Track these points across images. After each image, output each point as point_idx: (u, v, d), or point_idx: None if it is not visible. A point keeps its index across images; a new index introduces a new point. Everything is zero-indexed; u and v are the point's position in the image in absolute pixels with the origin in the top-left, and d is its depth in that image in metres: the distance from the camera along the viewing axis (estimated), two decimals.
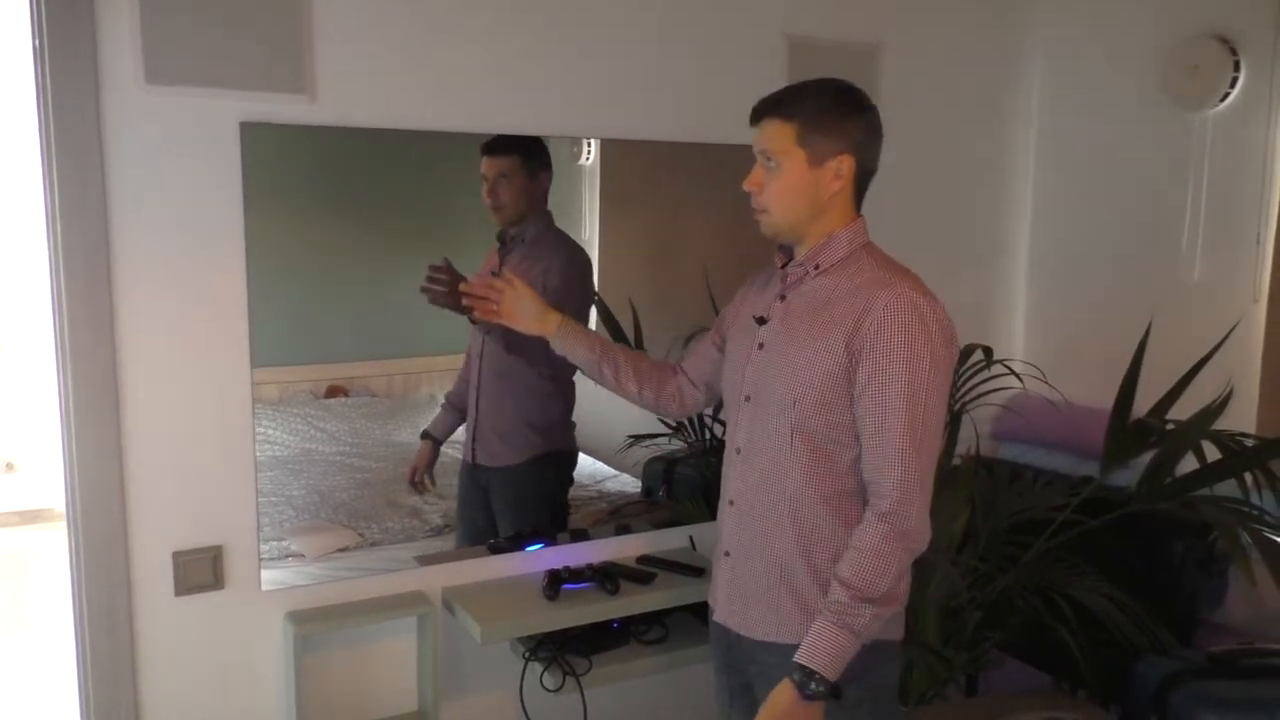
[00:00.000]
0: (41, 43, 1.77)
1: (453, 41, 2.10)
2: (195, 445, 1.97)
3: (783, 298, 1.65)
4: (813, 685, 1.48)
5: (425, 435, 2.30)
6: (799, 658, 1.50)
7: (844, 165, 1.56)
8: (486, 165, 2.20)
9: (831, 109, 1.56)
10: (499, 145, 2.18)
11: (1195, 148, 2.51)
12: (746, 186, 1.61)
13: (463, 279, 1.99)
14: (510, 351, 2.25)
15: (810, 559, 1.59)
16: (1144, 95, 2.62)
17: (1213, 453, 2.12)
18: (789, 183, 1.56)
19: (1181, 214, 2.54)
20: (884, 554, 1.49)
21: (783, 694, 1.50)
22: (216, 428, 1.98)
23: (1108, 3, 2.73)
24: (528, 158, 2.21)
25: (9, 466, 5.14)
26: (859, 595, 1.48)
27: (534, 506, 2.40)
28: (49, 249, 1.85)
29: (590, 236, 2.39)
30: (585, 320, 2.39)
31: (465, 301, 1.92)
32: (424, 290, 2.00)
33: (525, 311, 1.88)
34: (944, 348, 1.53)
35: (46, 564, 4.63)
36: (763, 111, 1.58)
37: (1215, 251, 2.49)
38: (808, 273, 1.61)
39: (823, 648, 1.48)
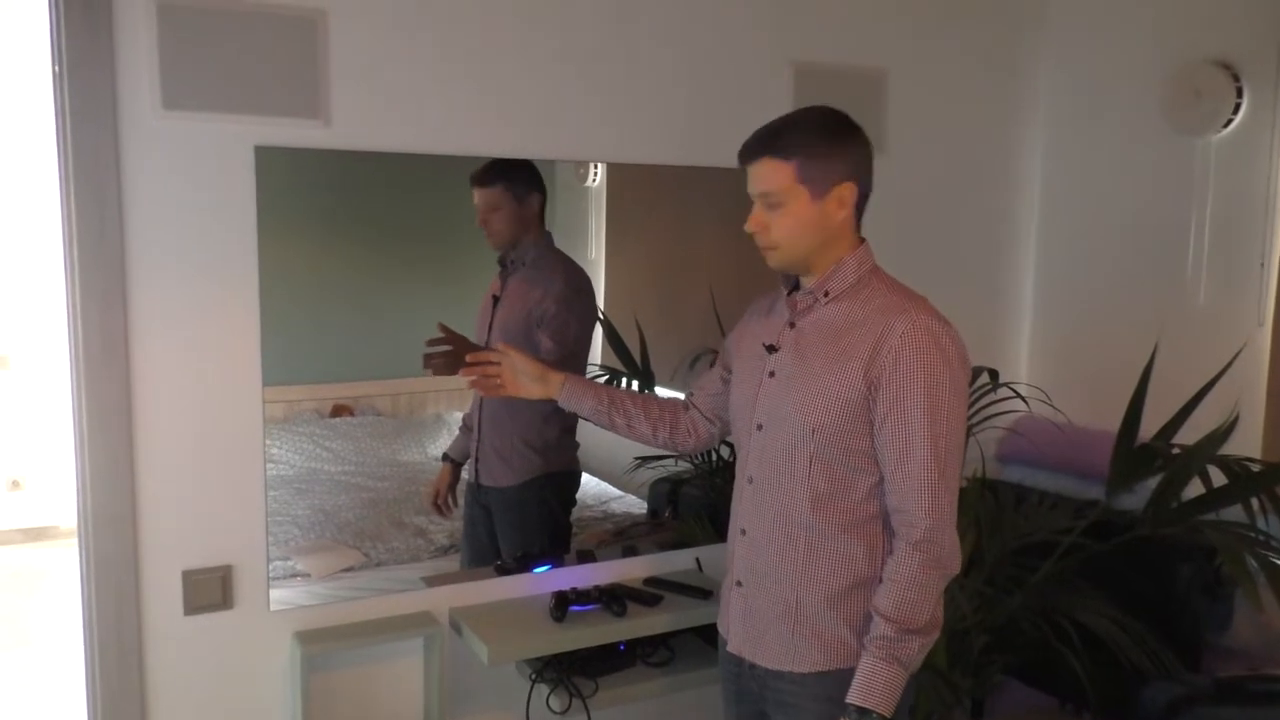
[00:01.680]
0: (61, 68, 1.79)
1: (465, 67, 2.13)
2: (206, 465, 1.98)
3: (792, 325, 1.64)
4: None
5: (445, 458, 2.32)
6: (853, 698, 1.49)
7: (847, 193, 1.55)
8: (477, 196, 2.21)
9: (825, 139, 1.54)
10: (485, 177, 2.20)
11: (1199, 173, 2.53)
12: (749, 229, 1.58)
13: (464, 340, 1.99)
14: None
15: (826, 587, 1.59)
16: (1148, 121, 2.64)
17: (1219, 477, 2.12)
18: (798, 220, 1.54)
19: (1186, 239, 2.56)
20: (922, 583, 1.50)
21: None
22: (227, 447, 2.00)
23: (1111, 29, 2.75)
24: (513, 184, 2.23)
25: (15, 484, 5.15)
26: (904, 627, 1.49)
27: (534, 527, 2.40)
28: (65, 269, 1.87)
29: (597, 257, 2.41)
30: (590, 340, 2.40)
31: (466, 382, 1.91)
32: (427, 364, 2.02)
33: (525, 378, 1.86)
34: (961, 371, 1.54)
35: (51, 581, 4.64)
36: (756, 151, 1.55)
37: (1220, 276, 2.50)
38: (818, 300, 1.61)
39: (877, 685, 1.48)
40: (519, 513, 2.38)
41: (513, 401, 1.89)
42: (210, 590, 2.00)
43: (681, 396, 1.97)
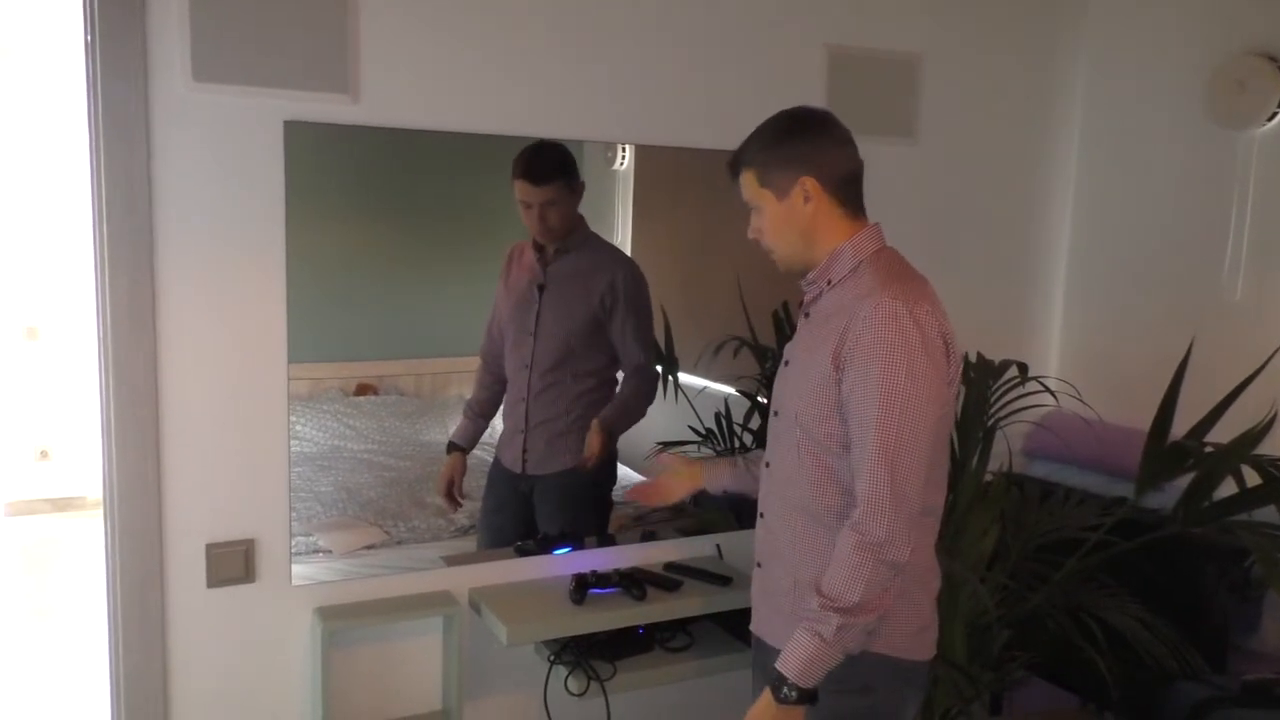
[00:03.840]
0: (93, 38, 1.79)
1: (495, 46, 2.11)
2: (231, 439, 1.99)
3: (806, 315, 1.68)
4: (784, 690, 1.51)
5: (453, 447, 2.29)
6: (776, 663, 1.53)
7: (807, 186, 1.58)
8: (529, 192, 2.19)
9: (774, 143, 1.61)
10: (542, 173, 2.18)
11: (1240, 166, 2.47)
12: (749, 236, 1.68)
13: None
14: (560, 357, 2.27)
15: (819, 570, 1.59)
16: (1189, 113, 2.58)
17: (1253, 478, 2.08)
18: (772, 221, 1.63)
19: (1225, 233, 2.51)
20: (853, 564, 1.49)
21: (763, 697, 1.55)
22: (252, 422, 2.00)
23: (1153, 19, 2.70)
24: (570, 178, 2.22)
25: (43, 454, 5.22)
26: (829, 604, 1.49)
27: (584, 508, 2.41)
28: (94, 241, 1.88)
29: (623, 241, 2.39)
30: (650, 326, 2.39)
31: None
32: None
33: (677, 482, 2.01)
34: (924, 357, 1.49)
35: (77, 550, 4.70)
36: (731, 168, 1.67)
37: (1259, 271, 2.45)
38: (822, 290, 1.63)
39: (795, 654, 1.50)
40: (571, 493, 2.37)
41: (566, 386, 1.91)
42: (233, 564, 2.01)
43: (728, 389, 1.99)
